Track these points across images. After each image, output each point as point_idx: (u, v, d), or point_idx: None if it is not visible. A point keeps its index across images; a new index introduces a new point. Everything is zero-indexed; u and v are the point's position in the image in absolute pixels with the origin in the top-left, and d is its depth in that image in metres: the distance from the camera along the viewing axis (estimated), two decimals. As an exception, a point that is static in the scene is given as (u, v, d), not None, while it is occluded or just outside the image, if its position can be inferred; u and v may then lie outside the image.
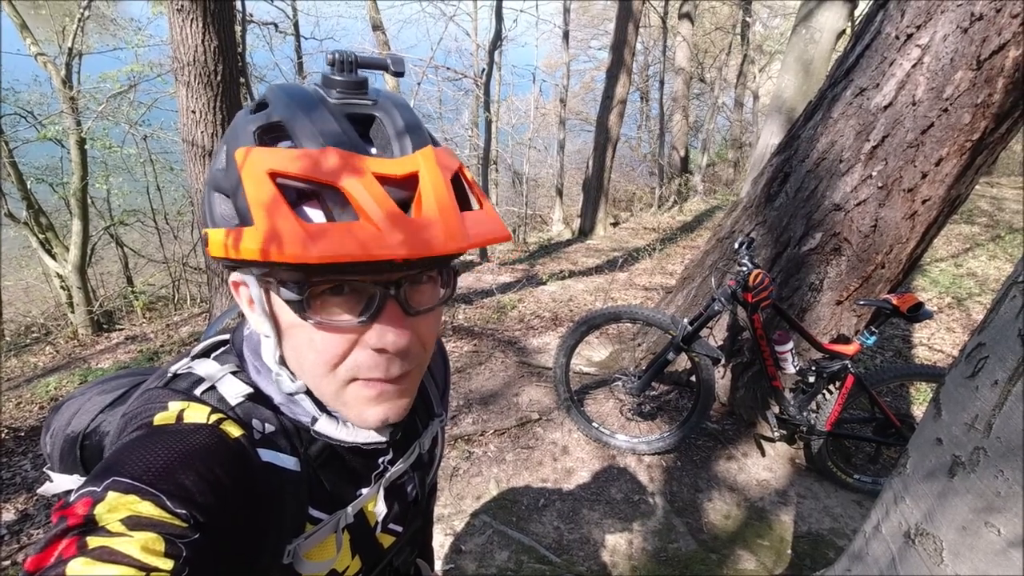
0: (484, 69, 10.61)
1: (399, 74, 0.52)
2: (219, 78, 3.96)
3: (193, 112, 3.93)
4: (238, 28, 5.74)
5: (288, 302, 0.48)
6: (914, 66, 2.12)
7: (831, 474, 2.48)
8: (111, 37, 9.25)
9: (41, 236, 8.00)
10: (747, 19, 12.64)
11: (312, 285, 0.47)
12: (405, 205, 0.46)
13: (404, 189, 0.46)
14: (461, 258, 8.56)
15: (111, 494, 0.42)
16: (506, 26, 10.48)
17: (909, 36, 2.12)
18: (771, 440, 2.68)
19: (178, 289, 8.36)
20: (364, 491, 0.63)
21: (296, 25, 10.93)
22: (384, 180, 0.45)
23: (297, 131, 0.46)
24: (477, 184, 0.55)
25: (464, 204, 0.51)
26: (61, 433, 0.63)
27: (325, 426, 0.57)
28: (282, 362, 0.55)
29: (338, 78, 0.49)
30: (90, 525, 0.40)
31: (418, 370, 0.56)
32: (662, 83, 14.70)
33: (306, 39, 11.28)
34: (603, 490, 2.45)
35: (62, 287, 7.89)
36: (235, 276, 0.54)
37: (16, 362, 6.11)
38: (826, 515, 2.37)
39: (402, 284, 0.49)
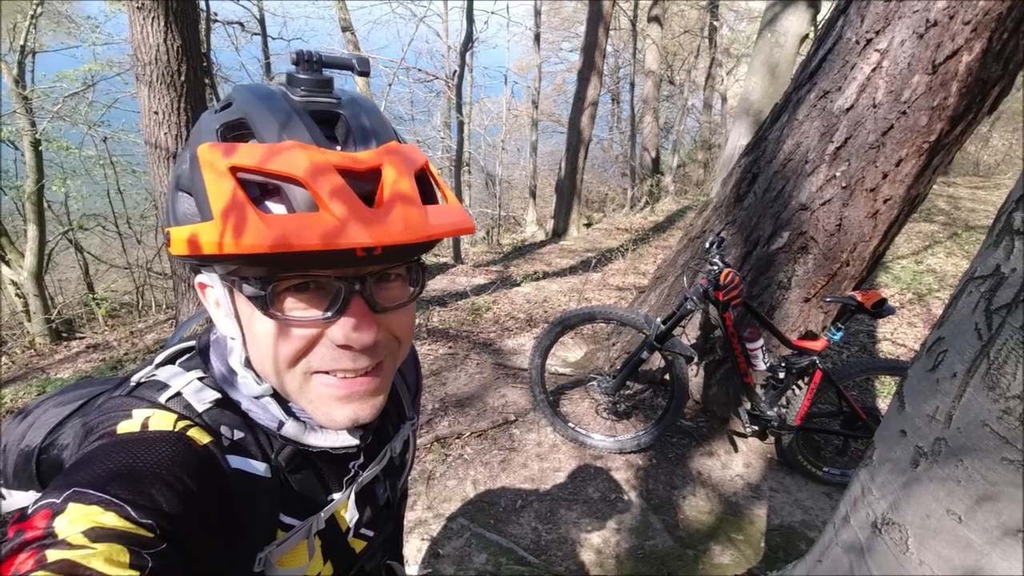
0: (455, 71, 10.58)
1: (364, 73, 0.52)
2: (182, 78, 3.86)
3: (156, 113, 3.83)
4: (202, 27, 5.60)
5: (252, 299, 0.47)
6: (874, 70, 2.19)
7: (801, 468, 2.54)
8: (66, 35, 8.94)
9: (-6, 242, 7.68)
10: (714, 23, 12.89)
11: (276, 281, 0.46)
12: (368, 199, 0.45)
13: (366, 183, 0.46)
14: (435, 260, 8.49)
15: (72, 505, 0.40)
16: (477, 28, 10.47)
17: (869, 41, 2.19)
18: (743, 436, 2.73)
19: (142, 295, 8.11)
20: (335, 496, 0.62)
21: (262, 25, 10.72)
22: (346, 173, 0.45)
23: (259, 127, 0.46)
24: (444, 182, 0.55)
25: (429, 199, 0.51)
26: (15, 448, 0.61)
27: (292, 430, 0.57)
28: (248, 364, 0.55)
29: (302, 76, 0.48)
30: (50, 538, 0.38)
31: (390, 363, 0.55)
32: (632, 85, 14.88)
33: (273, 39, 11.08)
34: (580, 490, 2.47)
35: (17, 295, 7.58)
36: (200, 278, 0.54)
37: (-31, 374, 5.85)
38: (797, 508, 2.42)
39: (368, 280, 0.49)
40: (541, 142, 15.00)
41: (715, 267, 2.25)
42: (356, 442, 0.59)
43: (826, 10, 6.22)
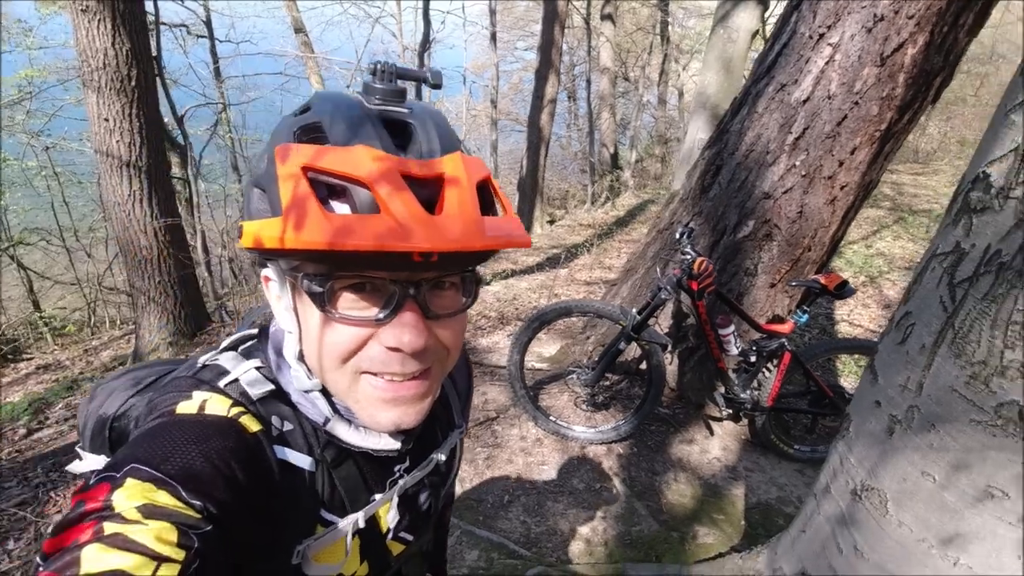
0: (413, 71, 10.46)
1: (437, 86, 0.54)
2: (133, 83, 3.73)
3: (106, 120, 3.68)
4: (152, 31, 5.40)
5: (310, 295, 0.49)
6: (827, 63, 2.29)
7: (774, 447, 2.65)
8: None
9: (-73, 261, 7.21)
10: (667, 19, 13.19)
11: (334, 279, 0.48)
12: (430, 206, 0.47)
13: (429, 189, 0.47)
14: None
15: (129, 480, 0.43)
16: (434, 28, 10.41)
17: (821, 36, 2.30)
18: (718, 420, 2.82)
19: (94, 312, 7.75)
20: (377, 497, 0.62)
21: (209, 27, 10.39)
22: (410, 179, 0.46)
23: (333, 130, 0.48)
24: (503, 194, 0.56)
25: (489, 210, 0.53)
26: (95, 414, 0.65)
27: (336, 427, 0.58)
28: (301, 358, 0.56)
29: (378, 86, 0.50)
30: (107, 511, 0.41)
31: (438, 370, 0.56)
32: (589, 82, 15.09)
33: (221, 42, 10.75)
34: (565, 481, 2.50)
35: (-44, 316, 7.14)
36: (266, 271, 0.56)
37: (-95, 403, 5.48)
38: (772, 485, 2.52)
39: (422, 286, 0.50)
40: (500, 141, 15.04)
41: (688, 256, 2.32)
42: (397, 446, 0.60)
43: (774, 7, 6.46)
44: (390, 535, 0.66)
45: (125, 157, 3.75)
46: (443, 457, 0.72)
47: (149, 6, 6.08)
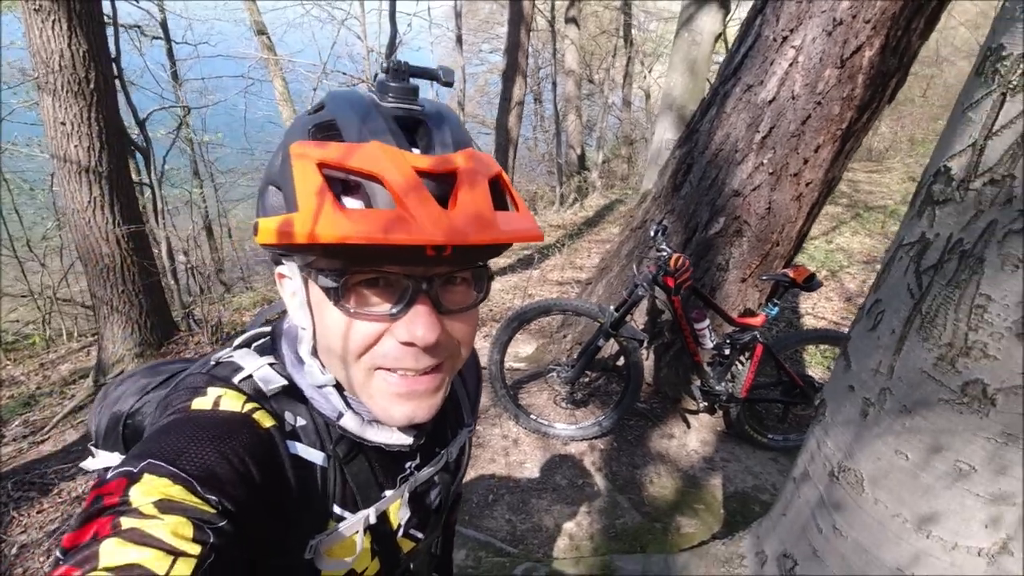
0: (378, 74, 10.37)
1: (448, 84, 0.55)
2: (92, 86, 3.59)
3: (63, 124, 3.54)
4: (111, 31, 5.21)
5: (325, 290, 0.50)
6: (791, 65, 2.38)
7: (749, 437, 2.73)
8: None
9: None
10: (629, 23, 13.41)
11: (349, 274, 0.49)
12: (443, 201, 0.48)
13: (442, 185, 0.48)
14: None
15: (146, 476, 0.43)
16: (400, 31, 10.34)
17: (784, 38, 2.39)
18: (695, 413, 2.89)
19: (49, 324, 7.42)
20: (388, 493, 0.63)
21: (165, 29, 10.08)
22: (423, 174, 0.47)
23: (347, 127, 0.48)
24: (515, 190, 0.57)
25: (501, 206, 0.54)
26: (108, 411, 0.66)
27: (350, 423, 0.58)
28: (315, 354, 0.57)
29: (391, 84, 0.51)
30: (124, 506, 0.41)
31: (450, 365, 0.57)
32: (555, 85, 15.16)
33: (178, 44, 10.43)
34: (548, 478, 2.53)
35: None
36: (280, 268, 0.56)
37: None
38: (748, 474, 2.60)
39: (435, 281, 0.51)
40: (469, 143, 14.99)
41: (664, 253, 2.37)
42: (409, 441, 0.61)
43: (735, 10, 6.65)
44: (400, 532, 0.67)
45: (84, 162, 3.61)
46: (454, 454, 0.73)
47: (107, 6, 5.88)
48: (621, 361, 2.83)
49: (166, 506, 0.42)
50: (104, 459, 0.65)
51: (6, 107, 7.02)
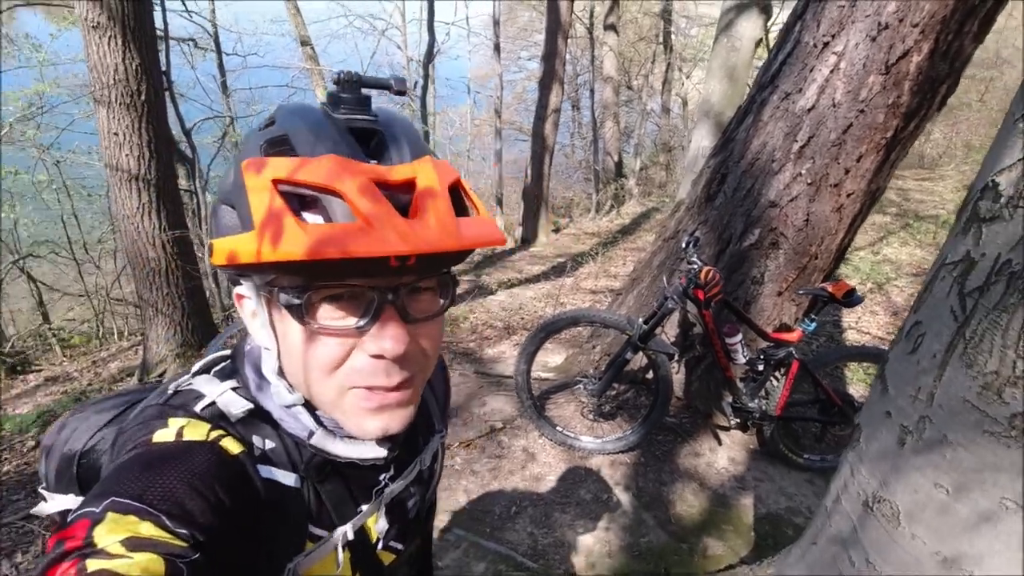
0: (417, 82, 10.57)
1: (401, 93, 0.54)
2: (143, 98, 3.76)
3: (116, 135, 3.72)
4: (162, 46, 5.48)
5: (288, 307, 0.48)
6: (832, 71, 2.29)
7: (783, 456, 2.63)
8: (7, 56, 8.56)
9: (-62, 274, 7.27)
10: (669, 29, 13.26)
11: (312, 290, 0.48)
12: (403, 210, 0.47)
13: (402, 194, 0.48)
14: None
15: (110, 515, 0.41)
16: (438, 40, 10.51)
17: (826, 44, 2.30)
18: (726, 429, 2.80)
19: (103, 323, 7.78)
20: (364, 508, 0.62)
21: (217, 42, 10.51)
22: (382, 185, 0.46)
23: (299, 142, 0.47)
24: (475, 195, 0.56)
25: (462, 212, 0.53)
26: (58, 452, 0.63)
27: (322, 440, 0.57)
28: (281, 374, 0.55)
29: (343, 95, 0.50)
30: (89, 547, 0.39)
31: (420, 378, 0.56)
32: (592, 91, 15.13)
33: (228, 55, 10.86)
34: (572, 492, 2.49)
35: (-34, 329, 7.19)
36: (239, 289, 0.55)
37: (-85, 415, 5.52)
38: (781, 495, 2.50)
39: (400, 291, 0.50)
40: (505, 150, 15.06)
41: (694, 266, 2.32)
42: (383, 453, 0.60)
43: (777, 15, 6.48)
44: (380, 545, 0.66)
45: (134, 171, 3.78)
46: (427, 462, 0.72)
47: (159, 21, 6.18)
48: (650, 374, 2.77)
49: (135, 543, 0.40)
50: (59, 502, 0.62)
51: (67, 117, 7.42)
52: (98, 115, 3.77)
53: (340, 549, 0.59)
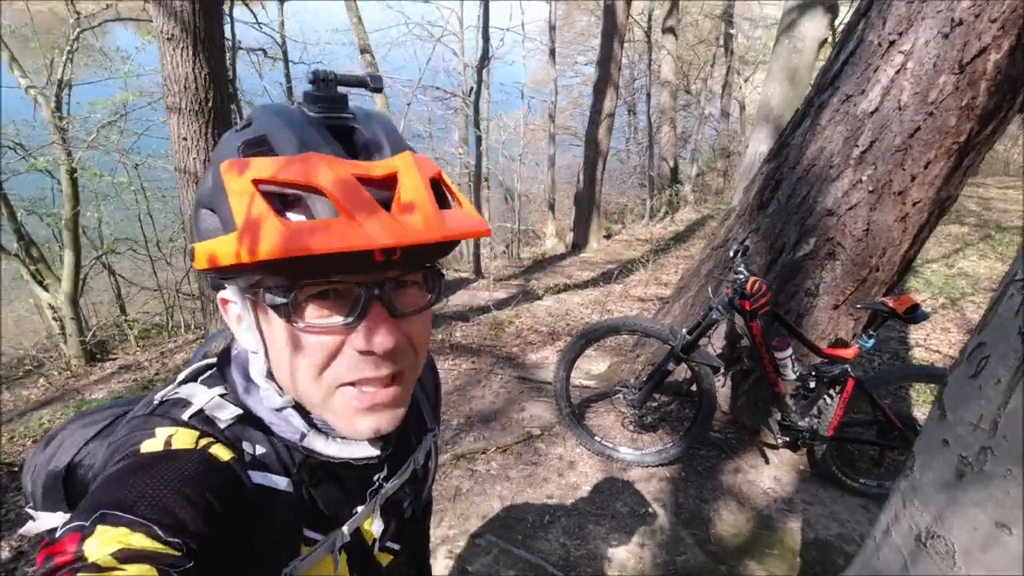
0: (472, 88, 10.70)
1: (377, 90, 0.54)
2: (210, 105, 3.97)
3: (184, 139, 3.94)
4: (228, 55, 5.79)
5: (274, 307, 0.48)
6: (898, 72, 2.15)
7: (836, 479, 2.47)
8: (99, 67, 9.29)
9: (32, 267, 7.93)
10: (730, 31, 12.87)
11: (298, 289, 0.47)
12: (386, 205, 0.46)
13: (383, 190, 0.47)
14: (455, 275, 8.52)
15: (100, 527, 0.41)
16: (493, 45, 10.61)
17: (892, 43, 2.16)
18: (774, 447, 2.67)
19: (172, 316, 8.29)
20: (359, 509, 0.62)
21: (284, 51, 11.03)
22: (363, 181, 0.46)
23: (278, 142, 0.47)
24: (458, 189, 0.55)
25: (444, 205, 0.52)
26: (43, 469, 0.62)
27: (314, 441, 0.57)
28: (270, 376, 0.55)
29: (318, 94, 0.50)
30: (80, 562, 0.39)
31: (410, 375, 0.56)
32: (648, 96, 14.89)
33: (294, 64, 11.37)
34: (608, 504, 2.43)
35: (54, 318, 7.80)
36: (223, 293, 0.54)
37: (8, 396, 6.03)
38: (833, 521, 2.35)
39: (386, 286, 0.49)
40: (558, 155, 15.05)
41: (740, 276, 2.22)
42: (377, 453, 0.59)
43: (845, 14, 6.17)
44: (376, 546, 0.65)
45: (200, 173, 4.00)
46: (420, 461, 0.71)
47: (228, 33, 6.55)
48: (694, 387, 2.67)
49: (126, 555, 0.40)
50: (47, 520, 0.61)
51: (145, 123, 7.95)
52: (170, 121, 4.01)
53: (336, 552, 0.59)
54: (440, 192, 0.52)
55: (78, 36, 7.47)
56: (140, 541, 0.41)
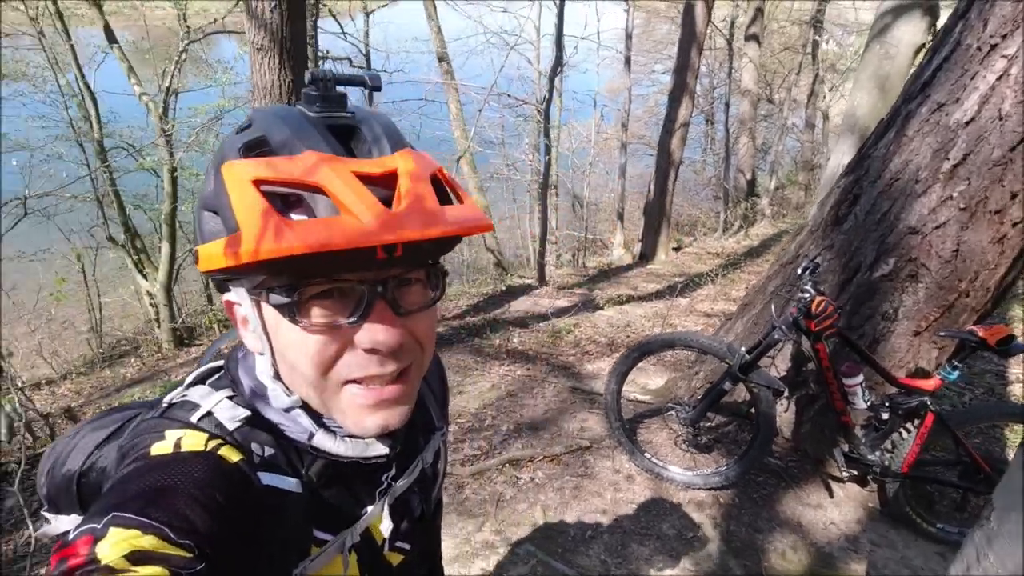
0: (545, 96, 10.74)
1: (376, 89, 0.54)
2: (292, 110, 4.23)
3: (267, 143, 4.21)
4: (312, 63, 6.13)
5: (279, 307, 0.49)
6: (999, 78, 1.96)
7: (910, 521, 2.27)
8: (204, 77, 10.12)
9: (135, 257, 8.73)
10: (817, 38, 12.22)
11: (302, 288, 0.48)
12: (387, 202, 0.47)
13: (384, 187, 0.47)
14: (519, 281, 8.55)
15: (112, 530, 0.41)
16: (567, 53, 10.62)
17: (993, 47, 1.97)
18: (840, 480, 2.48)
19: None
20: (369, 509, 0.62)
21: (368, 60, 11.53)
22: (364, 179, 0.46)
23: (278, 142, 0.48)
24: (460, 185, 0.55)
25: (445, 201, 0.52)
26: (57, 472, 0.63)
27: (323, 441, 0.57)
28: (277, 377, 0.56)
29: (317, 94, 0.50)
30: (93, 564, 0.39)
31: (416, 372, 0.56)
32: (727, 105, 14.38)
33: (377, 72, 11.86)
34: (654, 524, 2.35)
35: (151, 304, 8.54)
36: (228, 296, 0.56)
37: (109, 373, 6.64)
38: (904, 567, 2.15)
39: (389, 283, 0.50)
40: (631, 165, 14.80)
41: (806, 295, 2.09)
42: (386, 451, 0.60)
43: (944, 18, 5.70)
44: (386, 546, 0.65)
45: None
46: (429, 460, 0.71)
47: (319, 44, 6.94)
48: (753, 409, 2.54)
49: (138, 557, 0.40)
50: (62, 523, 0.63)
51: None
52: (255, 125, 4.30)
53: (346, 552, 0.59)
54: (441, 188, 0.52)
55: (186, 48, 8.16)
56: (152, 543, 0.41)
